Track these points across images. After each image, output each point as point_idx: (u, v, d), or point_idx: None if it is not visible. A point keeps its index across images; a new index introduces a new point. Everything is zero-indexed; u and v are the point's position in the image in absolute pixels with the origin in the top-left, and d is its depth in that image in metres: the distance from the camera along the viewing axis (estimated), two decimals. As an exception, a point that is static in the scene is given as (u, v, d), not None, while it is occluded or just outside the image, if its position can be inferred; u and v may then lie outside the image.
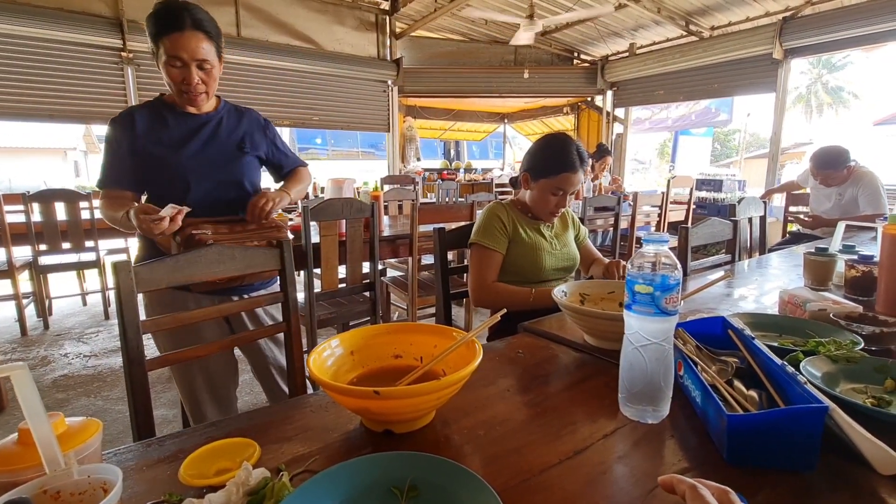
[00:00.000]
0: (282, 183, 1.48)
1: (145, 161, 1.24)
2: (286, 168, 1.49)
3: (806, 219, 3.10)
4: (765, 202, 2.44)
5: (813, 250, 1.37)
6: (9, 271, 2.83)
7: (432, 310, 3.07)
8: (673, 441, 0.62)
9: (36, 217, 2.88)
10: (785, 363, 0.63)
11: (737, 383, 0.66)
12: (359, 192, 2.87)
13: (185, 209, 1.14)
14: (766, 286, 1.45)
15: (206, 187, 1.28)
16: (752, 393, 0.63)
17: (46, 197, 2.90)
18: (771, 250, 2.54)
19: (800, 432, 0.53)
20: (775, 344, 0.86)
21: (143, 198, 1.33)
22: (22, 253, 3.01)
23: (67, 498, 0.41)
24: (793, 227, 3.69)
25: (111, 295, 3.47)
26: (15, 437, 0.45)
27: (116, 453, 0.61)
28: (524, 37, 4.01)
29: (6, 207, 2.75)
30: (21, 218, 2.86)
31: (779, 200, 4.43)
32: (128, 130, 1.24)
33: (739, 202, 2.21)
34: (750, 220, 2.30)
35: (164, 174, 1.24)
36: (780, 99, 4.64)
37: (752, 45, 4.60)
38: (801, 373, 0.63)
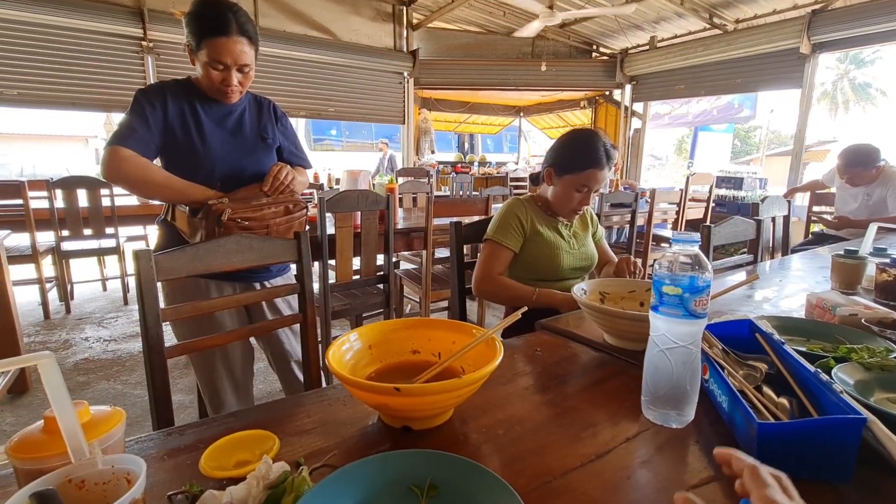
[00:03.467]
0: None
1: (173, 144, 1.24)
2: (292, 164, 1.49)
3: (831, 219, 3.01)
4: (789, 201, 2.37)
5: (842, 252, 1.33)
6: (33, 256, 2.89)
7: (444, 303, 3.07)
8: (698, 447, 0.60)
9: (59, 203, 2.94)
10: (818, 370, 0.61)
11: (766, 389, 0.64)
12: (374, 185, 2.86)
13: None
14: (789, 288, 1.41)
15: (230, 175, 1.28)
16: (783, 400, 0.61)
17: (69, 184, 2.95)
18: (793, 251, 2.48)
19: (835, 443, 0.51)
20: (803, 349, 0.83)
21: None
22: (45, 238, 3.07)
23: (92, 487, 0.41)
24: (815, 228, 3.59)
25: (130, 281, 3.53)
26: (41, 424, 0.45)
27: (138, 441, 0.61)
28: (533, 27, 3.95)
29: (31, 193, 2.81)
30: (45, 204, 2.92)
31: (800, 199, 4.32)
32: (160, 105, 1.22)
33: (763, 201, 2.16)
34: (773, 219, 2.24)
35: (190, 160, 1.24)
36: (806, 95, 4.50)
37: (778, 39, 4.47)
38: (833, 380, 0.61)
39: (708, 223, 3.67)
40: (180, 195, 1.23)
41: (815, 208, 3.62)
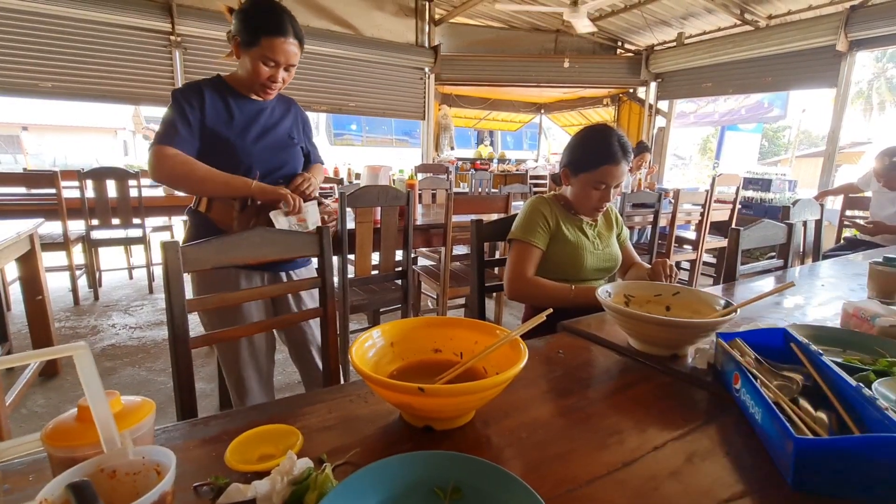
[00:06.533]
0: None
1: (211, 141, 1.26)
2: (310, 163, 1.55)
3: (865, 224, 2.90)
4: (821, 205, 2.29)
5: (880, 260, 1.27)
6: (65, 244, 2.99)
7: (461, 300, 3.07)
8: (729, 459, 0.58)
9: (89, 193, 3.03)
10: (861, 384, 0.58)
11: (803, 402, 0.61)
12: (394, 181, 2.86)
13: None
14: (822, 296, 1.36)
15: (263, 172, 1.31)
16: (821, 414, 0.59)
17: (99, 174, 3.03)
18: (825, 256, 2.39)
19: (880, 462, 0.48)
20: (839, 360, 0.80)
21: None
22: (75, 227, 3.17)
23: (122, 477, 0.41)
24: (847, 233, 3.47)
25: (155, 270, 3.62)
26: (74, 412, 0.46)
27: (164, 431, 0.62)
28: (582, 24, 3.87)
29: (63, 183, 2.90)
30: (76, 194, 3.01)
31: (830, 203, 4.18)
32: (198, 104, 1.25)
33: (794, 204, 2.08)
34: (804, 223, 2.17)
35: (229, 157, 1.27)
36: (841, 95, 4.32)
37: (813, 36, 4.30)
38: (875, 395, 0.58)
39: (734, 226, 3.57)
40: (224, 187, 1.25)
41: (848, 212, 3.49)
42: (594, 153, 1.32)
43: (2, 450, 0.43)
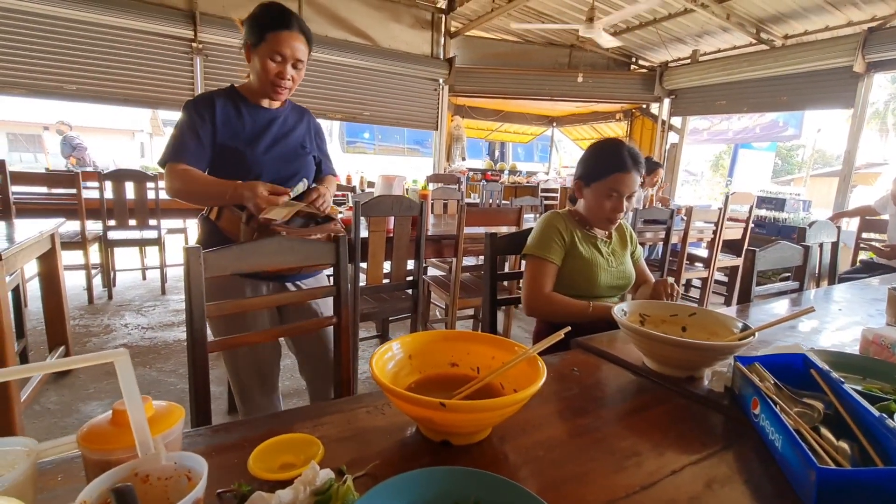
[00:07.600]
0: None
1: (221, 152, 1.29)
2: (322, 173, 1.55)
3: (882, 247, 2.86)
4: (838, 227, 2.27)
5: (899, 286, 1.26)
6: (82, 243, 3.04)
7: (470, 311, 3.07)
8: (748, 487, 0.58)
9: (108, 194, 3.09)
10: (884, 415, 0.58)
11: (824, 431, 0.61)
12: (407, 190, 2.89)
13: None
14: (839, 320, 1.35)
15: (274, 182, 1.32)
16: (843, 444, 0.58)
17: (119, 176, 3.10)
18: (840, 279, 2.36)
19: (905, 497, 0.48)
20: (859, 388, 0.79)
21: None
22: (92, 227, 3.23)
23: (155, 482, 0.42)
24: (863, 255, 3.42)
25: (169, 272, 3.67)
26: (108, 415, 0.47)
27: (187, 436, 0.63)
28: (605, 39, 3.92)
29: (83, 184, 2.96)
30: (95, 194, 3.07)
31: (846, 224, 4.14)
32: (209, 117, 1.27)
33: (811, 226, 2.07)
34: (820, 245, 2.15)
35: (237, 167, 1.29)
36: (858, 116, 4.30)
37: (830, 57, 4.29)
38: (899, 427, 0.58)
39: (746, 245, 3.54)
40: (234, 200, 1.27)
41: (864, 235, 3.45)
42: (604, 162, 1.36)
43: (41, 450, 0.45)
